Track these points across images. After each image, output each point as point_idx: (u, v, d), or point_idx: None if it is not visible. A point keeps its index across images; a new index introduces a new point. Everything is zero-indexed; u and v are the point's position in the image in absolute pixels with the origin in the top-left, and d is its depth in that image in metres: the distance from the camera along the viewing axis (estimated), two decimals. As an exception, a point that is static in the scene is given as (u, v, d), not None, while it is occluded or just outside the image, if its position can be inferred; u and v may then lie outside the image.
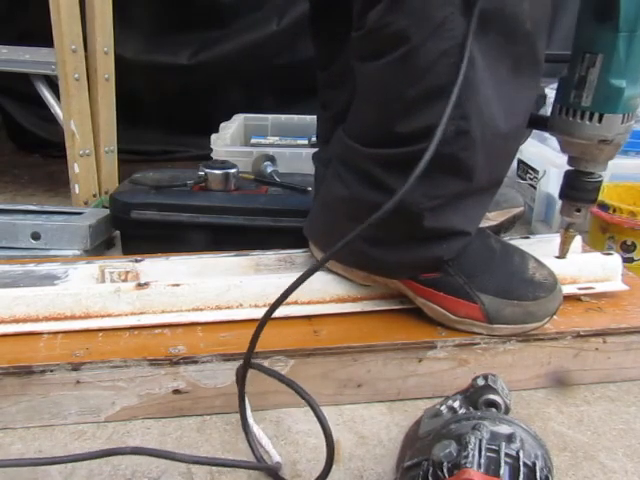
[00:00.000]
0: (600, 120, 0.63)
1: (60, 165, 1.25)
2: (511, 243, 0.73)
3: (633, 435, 0.63)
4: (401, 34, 0.56)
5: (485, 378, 0.52)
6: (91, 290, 0.68)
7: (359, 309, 0.72)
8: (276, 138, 1.45)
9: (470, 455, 0.41)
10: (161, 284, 0.69)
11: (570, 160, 0.69)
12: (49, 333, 0.66)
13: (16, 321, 0.66)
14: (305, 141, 1.41)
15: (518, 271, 0.69)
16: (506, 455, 0.41)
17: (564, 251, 0.76)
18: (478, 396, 0.51)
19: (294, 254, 0.81)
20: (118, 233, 1.02)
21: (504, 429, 0.44)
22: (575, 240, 0.76)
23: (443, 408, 0.51)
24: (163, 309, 0.69)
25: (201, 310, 0.70)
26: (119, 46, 1.26)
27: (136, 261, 0.78)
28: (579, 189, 0.69)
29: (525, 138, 0.86)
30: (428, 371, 0.67)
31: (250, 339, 0.54)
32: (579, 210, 0.70)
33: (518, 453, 0.42)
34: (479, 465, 0.40)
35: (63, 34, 1.07)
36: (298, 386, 0.53)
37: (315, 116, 0.84)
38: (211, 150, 1.21)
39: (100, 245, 1.00)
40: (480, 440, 0.42)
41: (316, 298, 0.72)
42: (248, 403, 0.59)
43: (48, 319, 0.67)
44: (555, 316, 0.69)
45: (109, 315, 0.68)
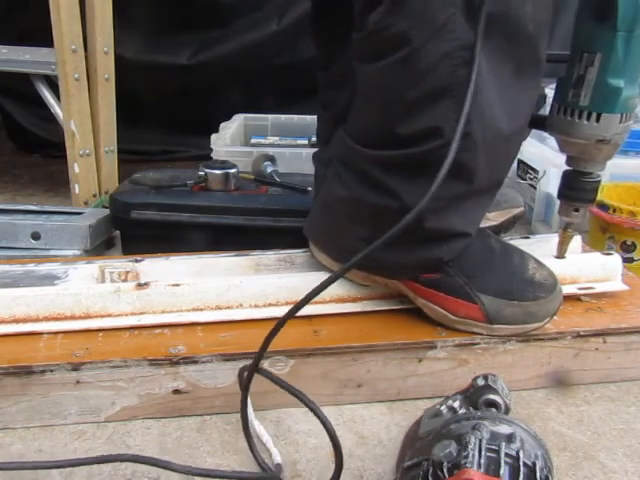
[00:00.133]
0: (598, 120, 0.63)
1: (60, 165, 1.25)
2: (511, 243, 0.73)
3: (633, 435, 0.63)
4: (402, 36, 0.56)
5: (485, 378, 0.52)
6: (91, 290, 0.68)
7: (359, 309, 0.72)
8: (276, 138, 1.45)
9: (470, 455, 0.41)
10: (161, 284, 0.69)
11: (569, 160, 0.69)
12: (49, 333, 0.66)
13: (16, 321, 0.66)
14: (305, 141, 1.41)
15: (518, 271, 0.69)
16: (506, 455, 0.41)
17: (562, 251, 0.76)
18: (478, 396, 0.51)
19: (294, 254, 0.81)
20: (118, 233, 1.02)
21: (504, 429, 0.44)
22: (575, 240, 0.76)
23: (443, 408, 0.51)
24: (163, 309, 0.69)
25: (201, 310, 0.70)
26: (119, 46, 1.26)
27: (136, 261, 0.78)
28: (577, 189, 0.69)
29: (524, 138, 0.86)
30: (428, 371, 0.67)
31: (260, 346, 0.53)
32: (577, 210, 0.70)
33: (518, 453, 0.42)
34: (479, 465, 0.40)
35: (63, 34, 1.07)
36: (307, 397, 0.52)
37: (315, 116, 0.84)
38: (211, 150, 1.21)
39: (100, 245, 1.00)
40: (480, 440, 0.42)
41: (316, 298, 0.71)
42: (250, 406, 0.59)
43: (48, 319, 0.67)
44: (555, 316, 0.69)
45: (109, 315, 0.68)
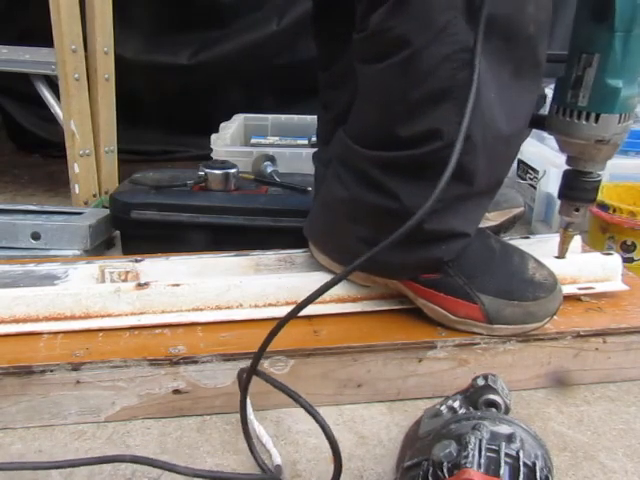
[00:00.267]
0: (597, 120, 0.63)
1: (60, 165, 1.25)
2: (511, 243, 0.73)
3: (633, 435, 0.63)
4: (403, 38, 0.56)
5: (485, 378, 0.52)
6: (91, 290, 0.68)
7: (359, 309, 0.72)
8: (276, 138, 1.45)
9: (470, 455, 0.41)
10: (161, 284, 0.69)
11: (568, 160, 0.69)
12: (49, 333, 0.66)
13: (16, 321, 0.66)
14: (305, 141, 1.41)
15: (518, 271, 0.69)
16: (506, 455, 0.41)
17: (563, 251, 0.76)
18: (478, 396, 0.51)
19: (294, 254, 0.81)
20: (118, 233, 1.02)
21: (504, 429, 0.44)
22: (575, 240, 0.76)
23: (443, 408, 0.51)
24: (163, 309, 0.69)
25: (201, 310, 0.70)
26: (119, 46, 1.26)
27: (136, 261, 0.78)
28: (578, 189, 0.69)
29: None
30: (428, 371, 0.67)
31: (259, 347, 0.53)
32: (578, 210, 0.70)
33: (518, 453, 0.42)
34: (479, 465, 0.40)
35: (63, 34, 1.07)
36: (304, 400, 0.52)
37: (315, 116, 0.84)
38: (211, 150, 1.21)
39: (100, 245, 1.00)
40: (480, 440, 0.42)
41: (316, 298, 0.72)
42: (250, 406, 0.59)
43: (48, 319, 0.67)
44: (555, 316, 0.69)
45: (109, 315, 0.68)
